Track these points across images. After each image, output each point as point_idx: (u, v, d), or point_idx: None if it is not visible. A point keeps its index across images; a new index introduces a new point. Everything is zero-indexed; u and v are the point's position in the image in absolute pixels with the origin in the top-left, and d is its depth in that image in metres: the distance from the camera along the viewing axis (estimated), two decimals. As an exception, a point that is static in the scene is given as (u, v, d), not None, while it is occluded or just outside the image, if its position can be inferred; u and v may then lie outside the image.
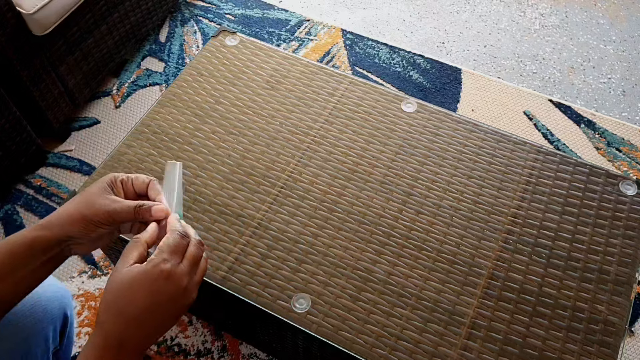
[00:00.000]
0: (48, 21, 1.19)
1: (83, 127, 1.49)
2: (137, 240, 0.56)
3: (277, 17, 1.75)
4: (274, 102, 1.02)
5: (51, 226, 0.58)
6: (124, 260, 0.54)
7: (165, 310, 0.53)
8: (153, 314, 0.52)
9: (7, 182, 1.36)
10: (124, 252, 0.54)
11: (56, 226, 0.58)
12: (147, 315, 0.52)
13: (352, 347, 0.77)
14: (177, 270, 0.54)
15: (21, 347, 0.73)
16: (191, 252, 0.56)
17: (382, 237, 0.86)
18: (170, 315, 0.54)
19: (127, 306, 0.51)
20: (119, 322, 0.51)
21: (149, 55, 1.63)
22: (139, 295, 0.52)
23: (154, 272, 0.52)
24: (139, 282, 0.52)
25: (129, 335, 0.51)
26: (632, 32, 1.73)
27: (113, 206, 0.58)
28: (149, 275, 0.52)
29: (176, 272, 0.53)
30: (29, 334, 0.74)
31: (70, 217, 0.58)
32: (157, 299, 0.52)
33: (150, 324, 0.52)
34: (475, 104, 1.54)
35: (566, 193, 0.91)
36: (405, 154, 0.96)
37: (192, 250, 0.56)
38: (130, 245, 0.55)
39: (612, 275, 0.83)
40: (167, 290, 0.53)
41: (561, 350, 0.77)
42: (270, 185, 0.92)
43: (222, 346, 1.15)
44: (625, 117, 1.52)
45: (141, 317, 0.52)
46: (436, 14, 1.79)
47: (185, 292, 0.54)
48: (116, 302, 0.52)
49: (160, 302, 0.52)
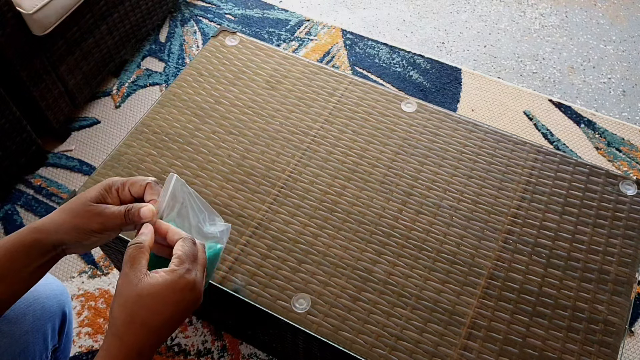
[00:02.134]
0: (48, 21, 1.19)
1: (83, 127, 1.49)
2: (141, 245, 0.54)
3: (277, 17, 1.75)
4: (274, 102, 1.02)
5: (46, 231, 0.58)
6: (135, 268, 0.52)
7: (183, 317, 0.54)
8: (174, 322, 0.53)
9: (7, 182, 1.36)
10: (130, 259, 0.53)
11: (51, 232, 0.58)
12: (169, 324, 0.52)
13: (352, 347, 0.77)
14: (197, 279, 0.54)
15: (19, 343, 0.73)
16: (202, 258, 0.56)
17: (382, 237, 0.86)
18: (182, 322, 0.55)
19: (152, 318, 0.51)
20: (142, 334, 0.51)
21: (149, 55, 1.63)
22: (166, 306, 0.52)
23: (181, 283, 0.52)
24: (166, 293, 0.52)
25: (149, 345, 0.52)
26: (632, 32, 1.73)
27: (104, 214, 0.57)
28: (176, 286, 0.52)
29: (197, 281, 0.54)
30: (27, 331, 0.74)
31: (63, 226, 0.57)
32: (181, 308, 0.53)
33: (169, 331, 0.53)
34: (475, 104, 1.54)
35: (566, 193, 0.91)
36: (405, 154, 0.96)
37: (202, 257, 0.57)
38: (136, 252, 0.54)
39: (612, 275, 0.83)
40: (191, 299, 0.53)
41: (561, 350, 0.77)
42: (270, 185, 0.92)
43: (222, 346, 1.15)
44: (625, 117, 1.52)
45: (162, 327, 0.52)
46: (436, 14, 1.79)
47: (201, 298, 0.55)
48: (140, 314, 0.51)
49: (182, 311, 0.53)
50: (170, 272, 0.53)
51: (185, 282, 0.53)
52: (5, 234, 1.30)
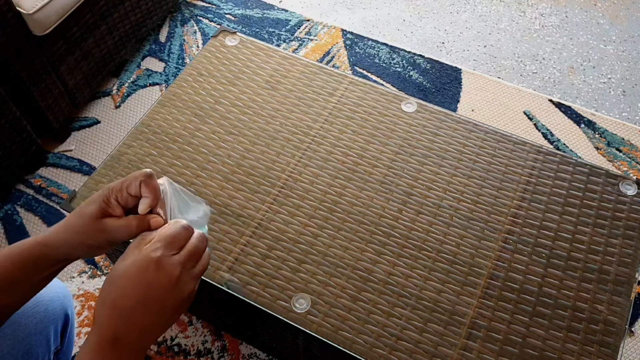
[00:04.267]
0: (48, 21, 1.19)
1: (83, 127, 1.49)
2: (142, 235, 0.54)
3: (277, 17, 1.75)
4: (274, 102, 1.02)
5: (55, 247, 0.58)
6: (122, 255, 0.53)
7: (158, 303, 0.50)
8: (146, 307, 0.50)
9: (7, 182, 1.36)
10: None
11: (59, 247, 0.58)
12: (139, 309, 0.50)
13: (352, 347, 0.77)
14: (169, 260, 0.51)
15: (22, 345, 0.73)
16: (192, 243, 0.53)
17: (382, 237, 0.86)
18: (164, 309, 0.51)
19: (119, 298, 0.50)
20: (113, 316, 0.49)
21: (149, 55, 1.63)
22: (130, 286, 0.50)
23: (144, 261, 0.50)
24: (130, 272, 0.50)
25: (124, 330, 0.49)
26: (632, 32, 1.73)
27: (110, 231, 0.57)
28: (139, 265, 0.50)
29: (168, 262, 0.51)
30: (30, 333, 0.75)
31: (71, 243, 0.57)
32: (148, 290, 0.50)
33: (145, 318, 0.50)
34: (475, 104, 1.54)
35: (566, 193, 0.91)
36: (405, 154, 0.96)
37: (193, 242, 0.53)
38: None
39: (612, 275, 0.83)
40: (159, 281, 0.50)
41: (561, 350, 0.77)
42: (270, 185, 0.92)
43: (222, 346, 1.15)
44: (625, 117, 1.52)
45: (134, 310, 0.49)
46: (436, 14, 1.79)
47: (178, 284, 0.51)
48: (109, 295, 0.50)
49: (151, 294, 0.50)
50: (138, 251, 0.51)
51: (148, 259, 0.50)
52: (5, 234, 1.30)
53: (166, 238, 0.52)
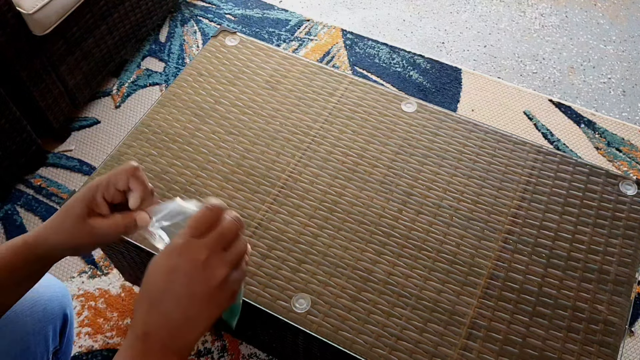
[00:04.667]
0: (48, 21, 1.19)
1: (83, 127, 1.49)
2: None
3: (277, 17, 1.75)
4: (274, 102, 1.02)
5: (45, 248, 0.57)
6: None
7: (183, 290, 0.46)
8: (172, 295, 0.46)
9: (7, 182, 1.36)
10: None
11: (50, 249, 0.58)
12: (166, 297, 0.46)
13: (352, 347, 0.77)
14: (193, 243, 0.47)
15: (20, 344, 0.73)
16: (224, 226, 0.48)
17: (382, 237, 0.86)
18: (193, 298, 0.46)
19: (151, 289, 0.47)
20: (144, 309, 0.47)
21: (149, 55, 1.63)
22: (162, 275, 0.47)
23: (169, 247, 0.47)
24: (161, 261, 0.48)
25: (153, 324, 0.46)
26: (632, 32, 1.73)
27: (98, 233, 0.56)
28: (165, 252, 0.47)
29: (191, 245, 0.47)
30: (28, 332, 0.74)
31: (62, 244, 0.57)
32: (172, 276, 0.46)
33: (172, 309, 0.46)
34: (475, 104, 1.54)
35: (566, 193, 0.91)
36: (405, 154, 0.96)
37: (225, 225, 0.49)
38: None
39: (612, 275, 0.83)
40: (183, 266, 0.46)
41: (561, 350, 0.77)
42: (270, 185, 0.92)
43: (222, 346, 1.15)
44: (625, 117, 1.52)
45: (160, 300, 0.46)
46: (436, 14, 1.79)
47: (205, 269, 0.46)
48: (143, 288, 0.48)
49: (176, 280, 0.46)
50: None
51: (173, 246, 0.47)
52: (5, 234, 1.30)
53: (191, 223, 0.49)
